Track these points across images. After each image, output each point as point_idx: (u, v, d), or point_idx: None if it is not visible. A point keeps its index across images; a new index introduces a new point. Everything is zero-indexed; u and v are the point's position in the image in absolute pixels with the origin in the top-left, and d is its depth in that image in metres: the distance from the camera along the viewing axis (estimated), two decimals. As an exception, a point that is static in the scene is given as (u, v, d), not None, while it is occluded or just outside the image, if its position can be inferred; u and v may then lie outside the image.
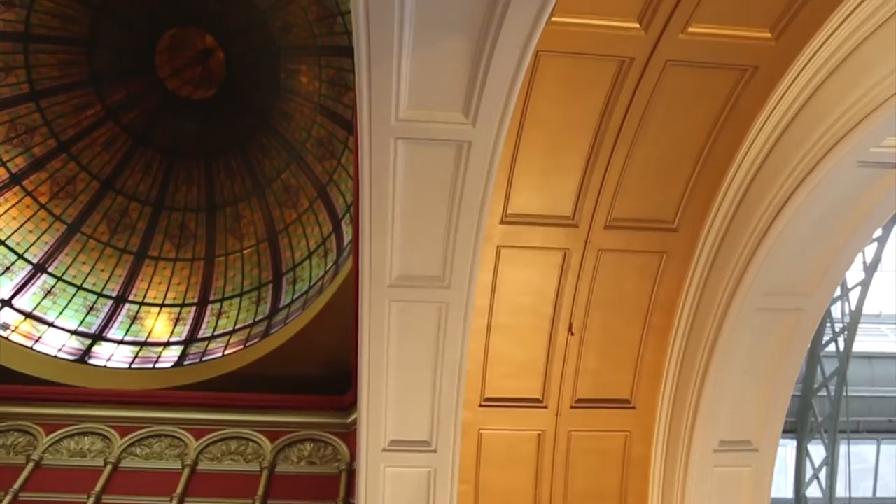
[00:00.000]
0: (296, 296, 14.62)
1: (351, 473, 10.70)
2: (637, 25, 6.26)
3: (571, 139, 7.10)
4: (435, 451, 7.54)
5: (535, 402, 8.60)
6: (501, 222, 7.49)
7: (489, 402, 8.54)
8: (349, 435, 11.29)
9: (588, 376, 8.55)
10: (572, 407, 8.68)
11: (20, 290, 14.65)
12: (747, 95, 6.78)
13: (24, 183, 15.67)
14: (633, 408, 8.78)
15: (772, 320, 7.78)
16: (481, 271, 7.00)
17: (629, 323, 8.35)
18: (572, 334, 8.24)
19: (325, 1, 15.12)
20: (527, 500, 8.92)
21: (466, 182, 5.87)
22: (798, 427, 16.47)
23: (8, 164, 15.47)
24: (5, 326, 13.67)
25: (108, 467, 10.86)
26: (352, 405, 11.40)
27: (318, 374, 11.99)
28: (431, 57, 5.06)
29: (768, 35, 6.31)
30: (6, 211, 15.25)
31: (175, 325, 15.47)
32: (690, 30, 6.27)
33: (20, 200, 15.55)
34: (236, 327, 14.82)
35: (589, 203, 7.51)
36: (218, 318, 15.41)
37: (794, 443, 16.58)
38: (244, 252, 16.62)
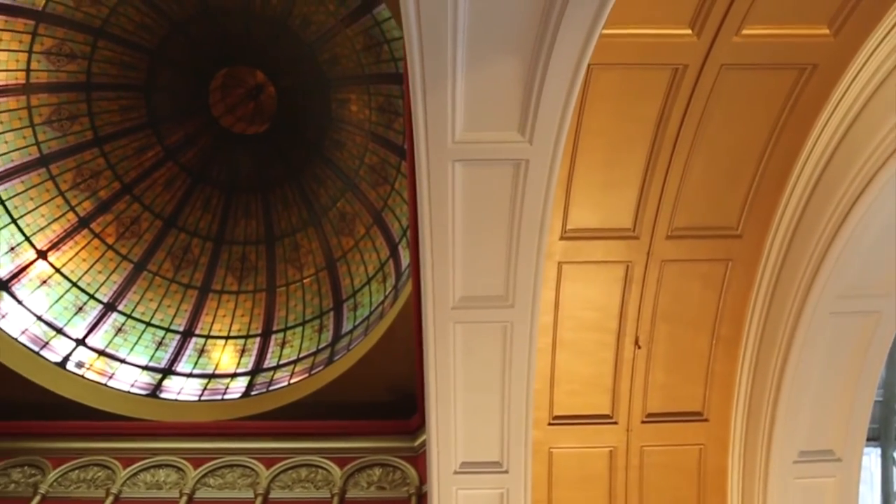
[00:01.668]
0: (357, 322, 14.72)
1: (421, 497, 10.69)
2: (689, 32, 6.20)
3: (628, 150, 7.04)
4: (507, 471, 7.49)
5: (604, 419, 8.48)
6: (561, 238, 7.45)
7: (558, 420, 8.45)
8: (417, 458, 11.29)
9: (658, 390, 8.40)
10: (643, 422, 8.53)
11: (93, 328, 15.14)
12: (807, 94, 6.63)
13: (91, 225, 16.26)
14: (706, 420, 8.58)
15: (848, 324, 7.52)
16: (543, 288, 6.95)
17: (697, 334, 8.18)
18: (639, 348, 8.11)
19: (371, 30, 15.38)
20: (602, 518, 8.79)
21: (525, 200, 5.86)
22: (882, 434, 15.75)
23: (76, 209, 16.08)
24: (80, 364, 14.11)
25: (184, 498, 11.09)
26: (418, 428, 11.41)
27: (382, 398, 12.04)
28: (485, 78, 5.09)
29: (826, 31, 6.17)
30: (77, 253, 15.83)
31: (241, 356, 15.74)
32: (744, 32, 6.19)
33: (89, 242, 16.12)
34: (300, 356, 14.99)
35: (649, 214, 7.41)
36: (282, 348, 15.63)
37: (878, 451, 15.87)
38: (304, 281, 16.85)
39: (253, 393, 13.83)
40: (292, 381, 13.59)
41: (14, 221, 14.93)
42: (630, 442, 8.57)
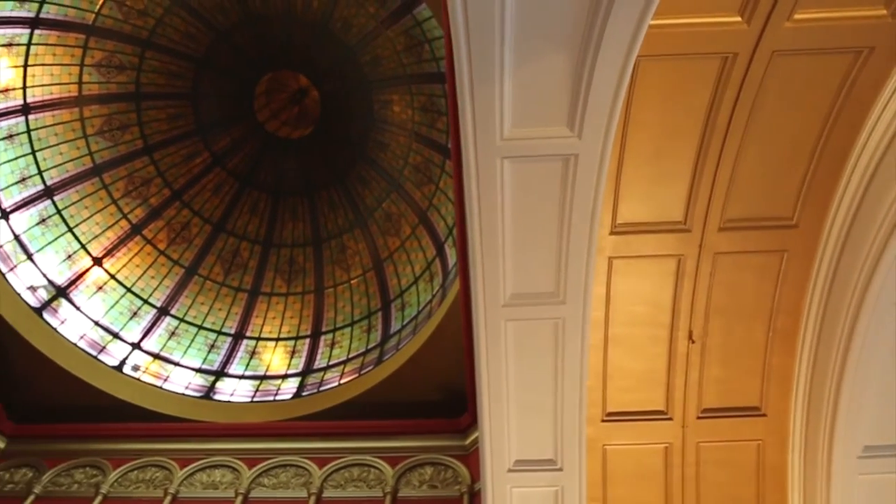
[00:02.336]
0: (405, 321, 14.78)
1: (472, 495, 10.68)
2: (739, 19, 6.08)
3: (677, 142, 6.92)
4: (561, 469, 7.43)
5: (659, 415, 8.36)
6: (611, 233, 7.36)
7: (611, 416, 8.36)
8: (468, 457, 11.29)
9: (713, 385, 8.24)
10: (699, 417, 8.38)
11: (147, 332, 15.50)
12: (864, 78, 6.43)
13: (143, 232, 16.67)
14: (764, 415, 8.39)
15: (913, 314, 7.27)
16: (594, 284, 6.88)
17: (753, 327, 8.00)
18: (693, 342, 7.97)
19: (411, 31, 15.44)
20: (658, 515, 8.67)
21: (575, 195, 5.80)
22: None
23: (129, 216, 16.51)
24: (136, 368, 14.46)
25: (240, 498, 11.26)
26: (468, 427, 11.41)
27: (432, 397, 12.07)
28: (533, 74, 5.06)
29: (883, 11, 5.98)
30: (130, 259, 16.24)
31: (291, 357, 15.94)
32: (797, 17, 6.03)
33: (142, 249, 16.54)
34: (350, 356, 15.11)
35: (700, 206, 7.28)
36: (331, 349, 15.78)
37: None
38: (352, 282, 17.01)
39: (304, 394, 13.99)
40: (342, 381, 13.70)
41: (70, 230, 15.38)
42: (686, 438, 8.43)
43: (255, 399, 14.34)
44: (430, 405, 12.02)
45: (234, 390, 14.74)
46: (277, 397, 14.22)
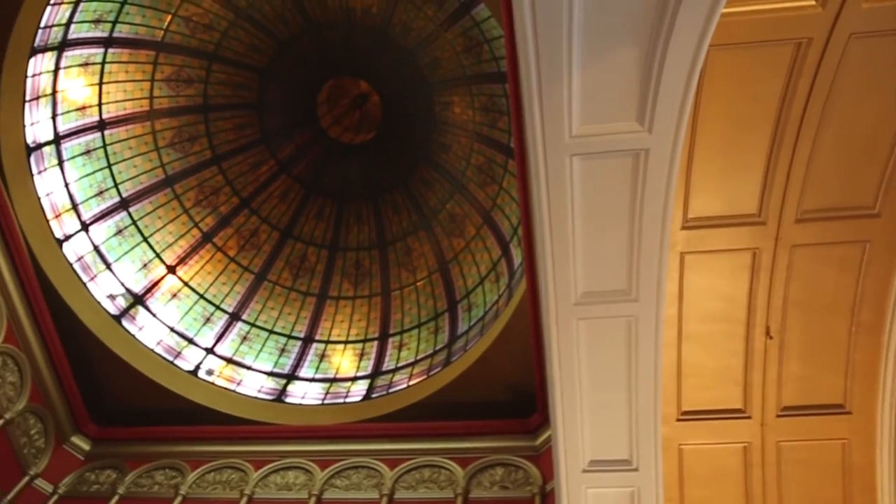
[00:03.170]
0: (472, 322, 14.78)
1: (544, 496, 10.60)
2: (813, 2, 5.90)
3: (750, 132, 6.74)
4: (637, 469, 7.29)
5: (736, 413, 8.14)
6: (682, 228, 7.21)
7: (687, 415, 8.18)
8: (539, 457, 11.22)
9: (793, 382, 7.98)
10: (778, 416, 8.13)
11: (220, 337, 15.91)
12: (949, 58, 6.15)
13: (214, 240, 17.12)
14: (849, 413, 8.07)
15: None
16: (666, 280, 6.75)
17: (834, 321, 7.71)
18: (771, 338, 7.73)
19: (470, 31, 15.45)
20: (738, 517, 8.45)
21: (646, 190, 5.69)
22: None
23: (200, 225, 16.98)
24: (210, 372, 14.86)
25: (313, 499, 11.45)
26: (539, 427, 11.34)
27: (501, 398, 12.03)
28: (602, 69, 4.99)
29: (970, -12, 5.71)
30: (202, 267, 16.70)
31: (360, 360, 16.13)
32: (875, -4, 5.81)
33: (213, 256, 16.98)
34: (418, 358, 15.19)
35: (776, 197, 7.06)
36: (399, 351, 15.90)
37: None
38: (418, 284, 17.10)
39: (373, 396, 14.12)
40: (411, 382, 13.78)
41: (145, 240, 15.91)
42: (765, 437, 8.19)
43: (326, 401, 14.55)
44: (500, 406, 11.99)
45: (304, 393, 14.99)
46: (347, 399, 14.39)
